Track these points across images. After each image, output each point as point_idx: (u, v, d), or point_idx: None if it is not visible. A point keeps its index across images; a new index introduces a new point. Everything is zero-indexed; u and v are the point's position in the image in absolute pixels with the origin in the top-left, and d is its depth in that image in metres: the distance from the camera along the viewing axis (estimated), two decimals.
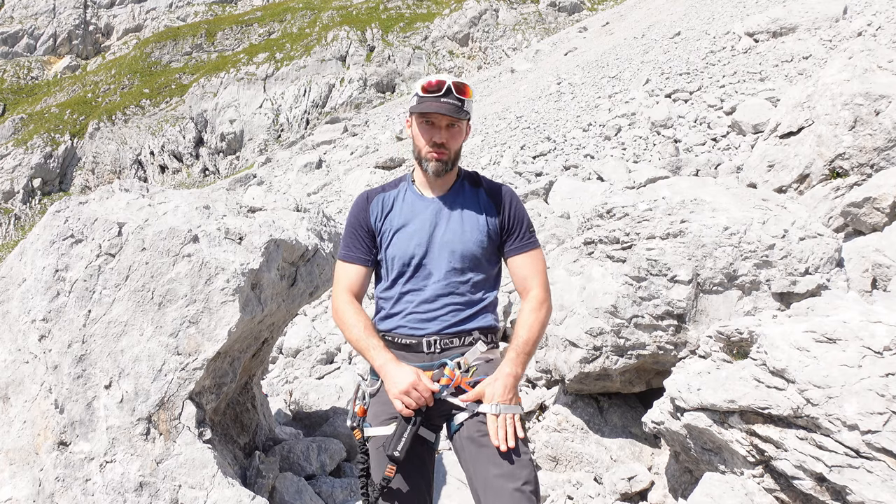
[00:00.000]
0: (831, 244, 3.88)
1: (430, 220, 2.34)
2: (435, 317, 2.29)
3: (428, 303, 2.30)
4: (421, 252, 2.31)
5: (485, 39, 52.47)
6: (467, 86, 2.31)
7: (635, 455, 4.15)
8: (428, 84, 2.28)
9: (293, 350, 9.69)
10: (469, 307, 2.32)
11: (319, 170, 29.70)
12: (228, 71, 52.87)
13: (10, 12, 66.54)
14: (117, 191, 3.81)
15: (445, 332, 2.29)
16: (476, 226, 2.35)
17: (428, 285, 2.30)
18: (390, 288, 2.36)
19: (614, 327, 3.94)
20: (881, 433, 2.42)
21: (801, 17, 17.51)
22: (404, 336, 2.31)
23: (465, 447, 2.20)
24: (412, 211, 2.37)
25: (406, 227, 2.34)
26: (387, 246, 2.36)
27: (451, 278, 2.30)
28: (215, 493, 3.22)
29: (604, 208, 4.33)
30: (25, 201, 47.63)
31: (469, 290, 2.32)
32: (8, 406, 3.42)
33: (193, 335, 3.39)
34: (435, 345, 2.28)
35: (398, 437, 2.16)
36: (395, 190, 2.45)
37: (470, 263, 2.32)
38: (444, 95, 2.25)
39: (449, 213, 2.36)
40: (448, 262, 2.30)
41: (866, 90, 5.92)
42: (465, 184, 2.44)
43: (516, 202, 2.43)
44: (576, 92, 22.16)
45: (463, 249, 2.31)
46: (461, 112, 2.26)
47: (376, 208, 2.40)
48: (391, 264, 2.35)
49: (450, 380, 2.20)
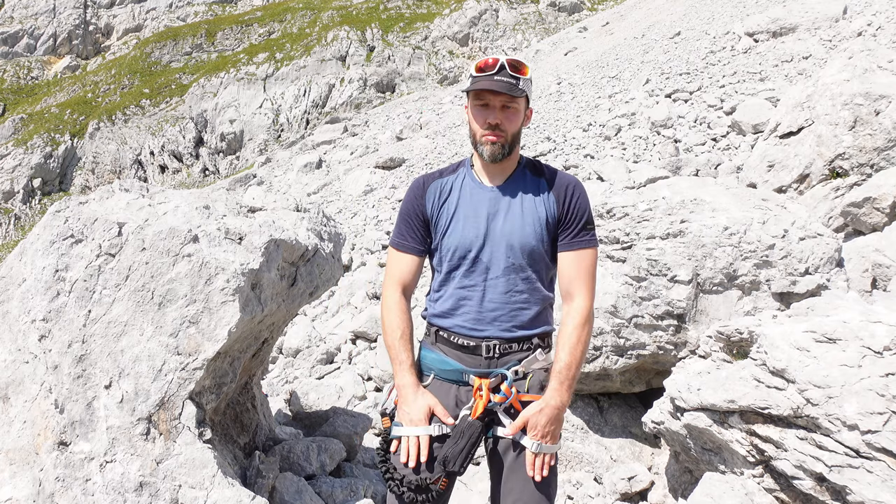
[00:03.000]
0: (831, 244, 3.88)
1: (489, 210, 2.21)
2: (494, 318, 2.20)
3: (486, 302, 2.20)
4: (478, 244, 2.19)
5: (485, 39, 52.46)
6: (524, 64, 2.15)
7: (635, 455, 4.15)
8: (483, 63, 2.14)
9: (293, 350, 9.69)
10: (529, 308, 2.22)
11: (319, 170, 29.69)
12: (228, 71, 52.87)
13: (10, 12, 66.54)
14: (117, 191, 3.81)
15: (505, 337, 2.20)
16: (536, 218, 2.20)
17: (486, 281, 2.19)
18: (446, 282, 2.26)
19: (614, 327, 3.94)
20: (881, 433, 2.42)
21: (801, 17, 17.50)
22: (462, 336, 2.22)
23: (498, 458, 2.19)
24: (470, 200, 2.23)
25: (463, 218, 2.22)
26: (442, 235, 2.25)
27: (509, 275, 2.19)
28: (215, 493, 3.22)
29: (604, 208, 4.33)
30: (25, 201, 47.62)
31: (528, 289, 2.21)
32: (8, 406, 3.42)
33: (193, 335, 3.39)
34: (494, 349, 2.19)
35: (465, 453, 2.09)
36: (453, 176, 2.31)
37: (529, 259, 2.20)
38: (498, 73, 2.10)
39: (509, 203, 2.21)
40: (507, 258, 2.18)
41: (866, 90, 5.92)
42: (526, 172, 2.28)
43: (580, 193, 2.24)
44: (576, 92, 22.16)
45: (522, 243, 2.18)
46: (516, 90, 2.09)
47: (433, 195, 2.27)
48: (446, 255, 2.24)
49: (505, 398, 2.14)
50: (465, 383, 2.22)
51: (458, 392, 2.23)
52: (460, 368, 2.21)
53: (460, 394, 2.22)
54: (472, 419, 2.11)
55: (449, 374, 2.23)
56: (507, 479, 2.17)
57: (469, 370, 2.20)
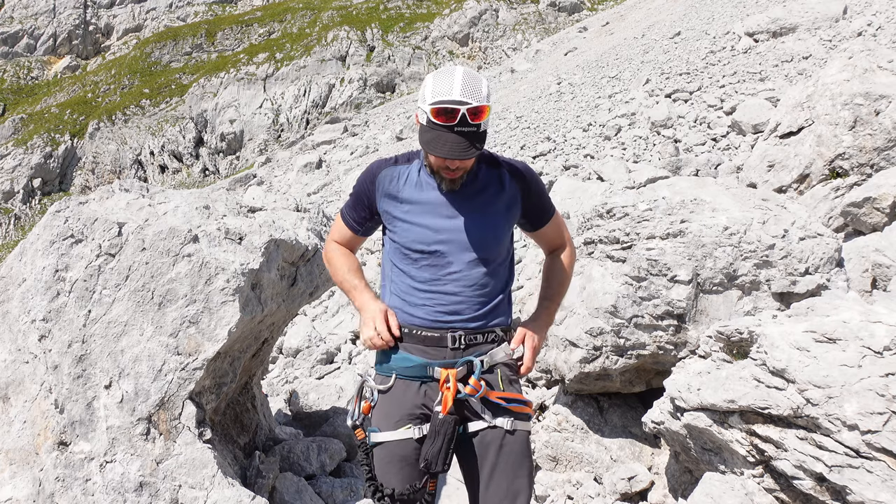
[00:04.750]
0: (831, 244, 3.88)
1: (448, 205, 2.19)
2: (457, 309, 2.18)
3: (449, 294, 2.18)
4: (439, 240, 2.17)
5: (485, 39, 52.46)
6: (485, 106, 2.03)
7: (635, 455, 4.15)
8: (442, 115, 2.01)
9: (293, 350, 9.69)
10: (491, 298, 2.23)
11: (319, 170, 29.68)
12: (228, 71, 52.85)
13: (10, 12, 66.52)
14: (117, 191, 3.81)
15: (469, 328, 2.19)
16: (497, 212, 2.22)
17: (448, 275, 2.18)
18: (404, 275, 2.24)
19: (614, 327, 3.94)
20: (881, 433, 2.42)
21: (801, 17, 17.49)
22: (425, 329, 2.19)
23: (473, 456, 2.18)
24: (427, 195, 2.20)
25: (421, 213, 2.19)
26: (400, 230, 2.22)
27: (472, 269, 2.18)
28: (215, 493, 3.22)
29: (604, 208, 4.33)
30: (25, 201, 47.60)
31: (490, 280, 2.22)
32: (8, 406, 3.42)
33: (193, 335, 3.39)
34: (460, 340, 2.18)
35: (444, 451, 2.08)
36: (407, 167, 2.26)
37: (490, 252, 2.21)
38: (459, 124, 2.00)
39: (469, 197, 2.20)
40: (468, 252, 2.18)
41: (866, 90, 5.92)
42: (482, 165, 2.25)
43: (536, 179, 2.31)
44: (576, 92, 22.14)
45: (483, 238, 2.19)
46: (476, 149, 2.03)
47: (383, 184, 2.24)
48: (405, 251, 2.21)
49: (475, 390, 2.12)
50: (430, 378, 2.17)
51: (425, 390, 2.19)
52: (424, 363, 2.17)
53: (428, 391, 2.18)
54: (443, 415, 2.10)
55: (412, 370, 2.18)
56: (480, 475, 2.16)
57: (433, 363, 2.16)
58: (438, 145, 2.03)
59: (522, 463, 2.18)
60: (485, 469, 2.16)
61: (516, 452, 2.17)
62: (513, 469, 2.15)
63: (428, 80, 2.10)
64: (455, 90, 2.01)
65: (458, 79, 2.03)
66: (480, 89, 2.03)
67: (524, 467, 2.18)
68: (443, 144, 2.02)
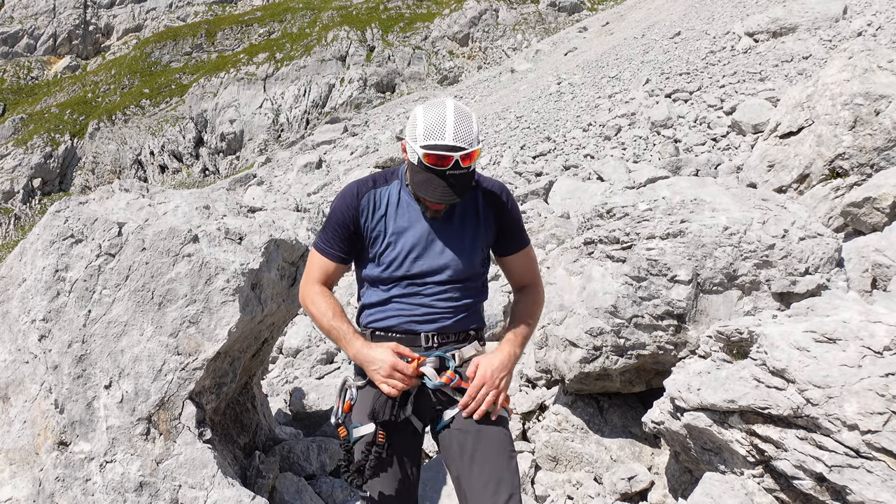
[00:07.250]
0: (831, 244, 3.88)
1: (429, 229, 2.26)
2: (433, 319, 2.26)
3: (424, 308, 2.26)
4: (419, 262, 2.24)
5: (485, 39, 52.45)
6: (475, 149, 2.08)
7: (635, 455, 4.15)
8: (434, 159, 2.05)
9: (293, 350, 9.69)
10: (467, 311, 2.31)
11: (319, 170, 29.68)
12: (228, 71, 52.84)
13: (10, 12, 66.51)
14: (117, 191, 3.82)
15: (443, 331, 2.27)
16: (476, 233, 2.30)
17: (426, 296, 2.26)
18: (382, 294, 2.30)
19: (614, 327, 3.94)
20: (881, 433, 2.42)
21: (801, 17, 17.50)
22: (400, 333, 2.27)
23: (452, 445, 2.22)
24: (408, 217, 2.27)
25: (402, 235, 2.25)
26: (381, 252, 2.27)
27: (447, 290, 2.26)
28: (215, 493, 3.22)
29: (604, 208, 4.33)
30: (25, 201, 47.60)
31: (467, 296, 2.31)
32: (8, 406, 3.42)
33: (193, 335, 3.39)
34: (433, 339, 2.26)
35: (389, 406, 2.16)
36: (386, 188, 2.30)
37: (470, 273, 2.29)
38: (451, 168, 2.06)
39: (448, 221, 2.28)
40: (447, 274, 2.25)
41: (866, 90, 5.92)
42: None
43: (512, 202, 2.38)
44: (576, 92, 22.15)
45: (462, 259, 2.26)
46: (468, 186, 2.13)
47: (367, 207, 2.27)
48: (386, 272, 2.27)
49: (449, 380, 2.19)
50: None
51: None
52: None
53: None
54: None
55: None
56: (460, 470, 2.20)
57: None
58: (430, 189, 2.10)
59: (502, 449, 2.20)
60: (465, 457, 2.20)
61: (494, 437, 2.21)
62: (494, 455, 2.18)
63: (418, 116, 2.11)
64: (448, 134, 2.04)
65: (451, 119, 2.05)
66: (471, 131, 2.08)
67: (504, 453, 2.20)
68: (434, 189, 2.09)
